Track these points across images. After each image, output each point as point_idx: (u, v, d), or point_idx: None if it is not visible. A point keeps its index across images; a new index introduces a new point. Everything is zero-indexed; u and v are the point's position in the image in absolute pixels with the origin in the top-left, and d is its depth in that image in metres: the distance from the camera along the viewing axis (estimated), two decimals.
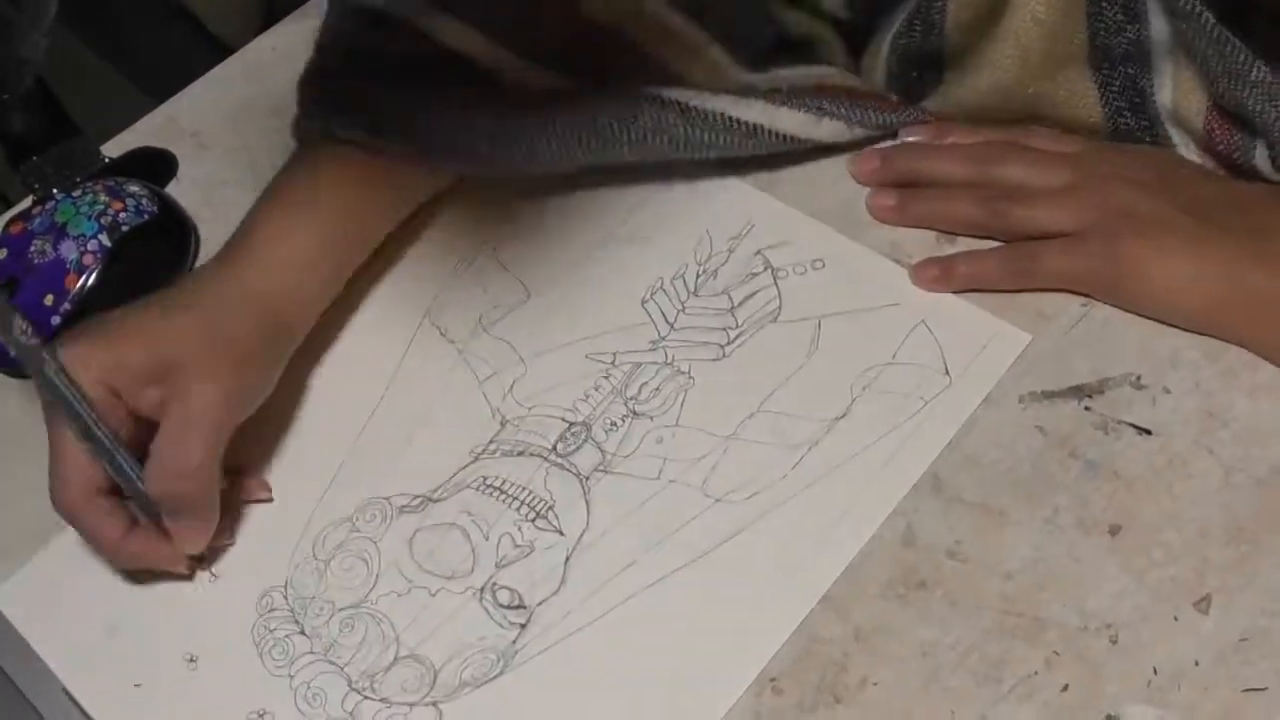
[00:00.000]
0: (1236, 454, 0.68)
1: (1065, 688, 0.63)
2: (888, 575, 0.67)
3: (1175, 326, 0.72)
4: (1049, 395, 0.71)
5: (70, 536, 0.71)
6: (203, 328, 0.68)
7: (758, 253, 0.78)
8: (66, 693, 0.68)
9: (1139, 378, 0.71)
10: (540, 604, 0.68)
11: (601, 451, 0.72)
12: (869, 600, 0.66)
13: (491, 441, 0.73)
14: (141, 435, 0.68)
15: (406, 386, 0.75)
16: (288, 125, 0.81)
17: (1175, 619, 0.64)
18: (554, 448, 0.72)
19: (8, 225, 0.80)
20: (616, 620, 0.67)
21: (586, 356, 0.75)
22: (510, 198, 0.82)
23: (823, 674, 0.64)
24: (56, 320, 0.77)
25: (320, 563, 0.70)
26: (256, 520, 0.72)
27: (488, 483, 0.71)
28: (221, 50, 0.92)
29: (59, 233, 0.78)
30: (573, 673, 0.66)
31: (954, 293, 0.75)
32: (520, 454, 0.72)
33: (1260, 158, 0.72)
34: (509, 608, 0.68)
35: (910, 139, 0.81)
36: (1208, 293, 0.70)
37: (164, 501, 0.67)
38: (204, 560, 0.70)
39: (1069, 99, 0.77)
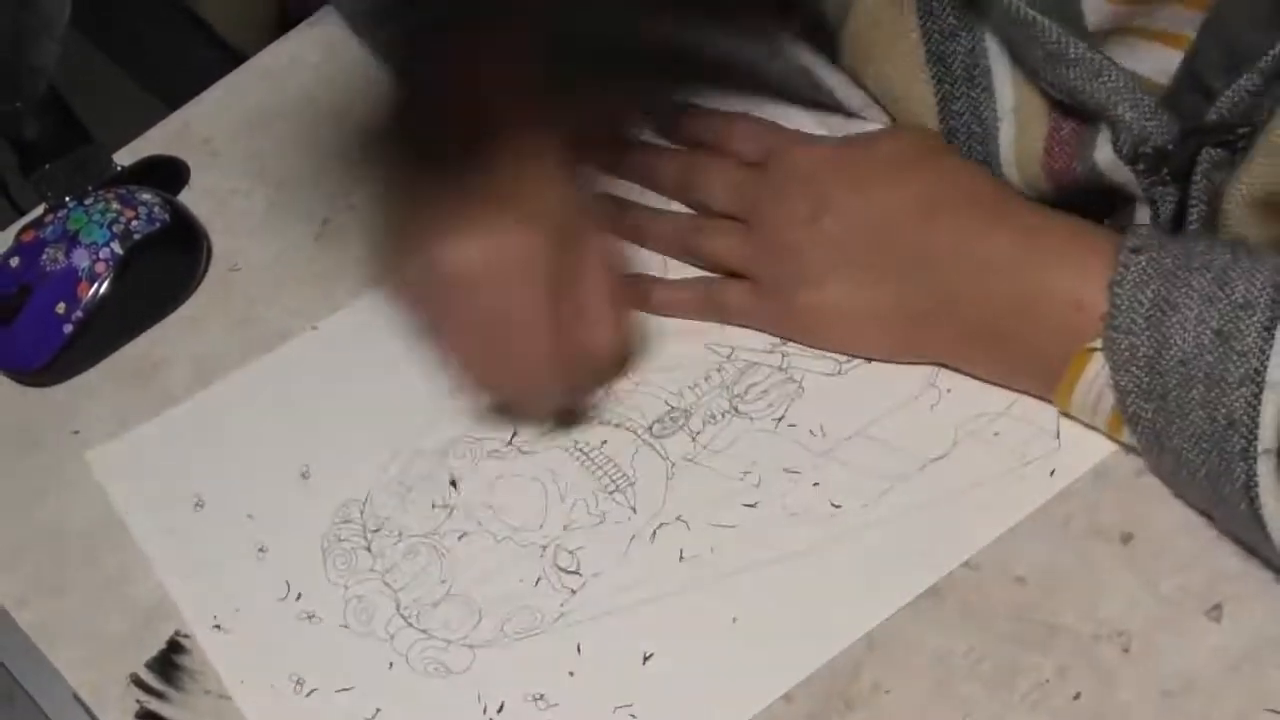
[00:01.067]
0: None
1: (1077, 696, 0.63)
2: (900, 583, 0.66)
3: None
4: None
5: (171, 413, 0.74)
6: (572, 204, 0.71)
7: None
8: (77, 698, 0.68)
9: None
10: (595, 575, 0.68)
11: (694, 441, 0.72)
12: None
13: (593, 408, 0.74)
14: None
15: None
16: (301, 132, 0.81)
17: (1187, 627, 0.64)
18: (650, 428, 0.73)
19: (20, 233, 0.80)
20: (665, 608, 0.67)
21: (705, 346, 0.75)
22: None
23: (834, 681, 0.64)
24: (68, 329, 0.77)
25: (403, 488, 0.72)
26: (353, 432, 0.74)
27: (578, 446, 0.72)
28: (234, 57, 0.92)
29: (71, 241, 0.78)
30: (609, 648, 0.66)
31: (651, 314, 0.75)
32: (616, 426, 0.73)
33: (1103, 152, 0.68)
34: (565, 571, 0.69)
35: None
36: (891, 334, 0.70)
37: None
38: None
39: (910, 103, 0.74)
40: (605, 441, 0.72)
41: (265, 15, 1.31)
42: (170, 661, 0.69)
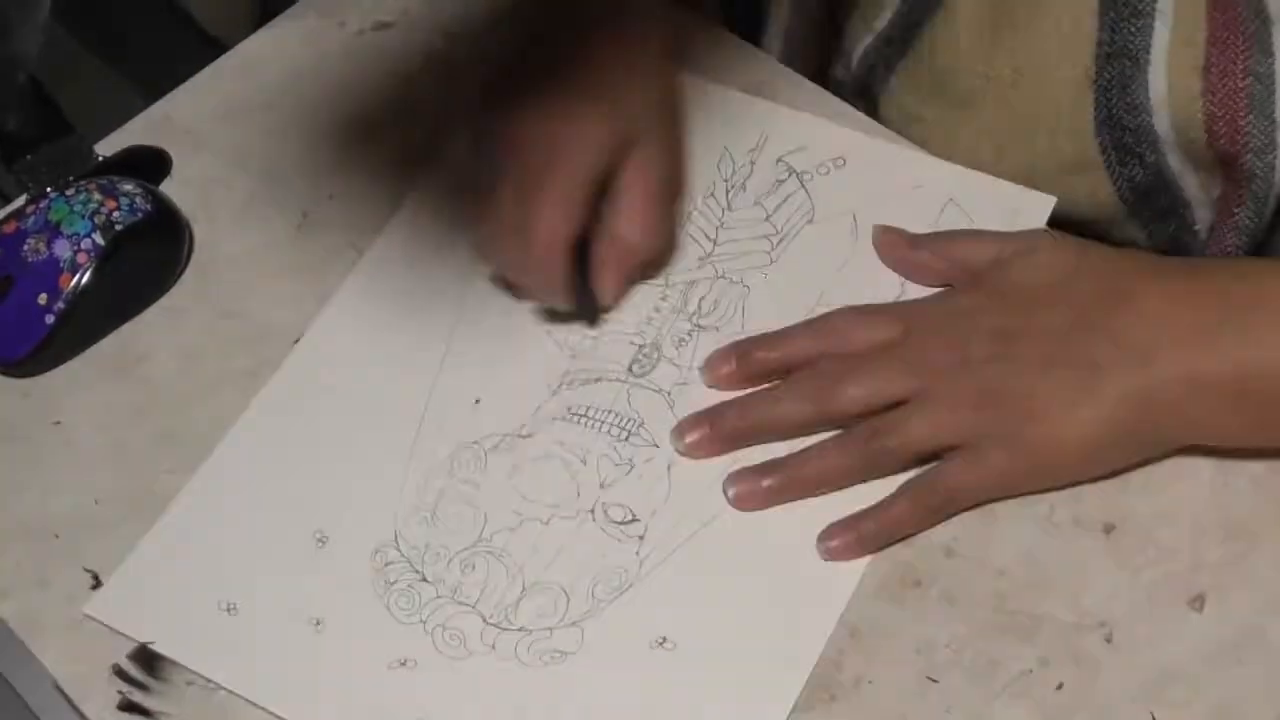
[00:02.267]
0: (1232, 452, 0.68)
1: (1060, 686, 0.63)
2: (883, 573, 0.67)
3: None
4: None
5: (159, 529, 0.71)
6: (653, 104, 0.73)
7: (779, 160, 0.80)
8: (59, 689, 0.68)
9: None
10: (654, 515, 0.69)
11: (677, 367, 0.73)
12: (864, 598, 0.66)
13: (565, 375, 0.74)
14: None
15: (469, 336, 0.76)
16: (282, 122, 0.80)
17: (1170, 617, 0.64)
18: (629, 370, 0.74)
19: (1, 224, 0.80)
20: (728, 516, 0.69)
21: (642, 282, 0.76)
22: None
23: (817, 672, 0.64)
24: (50, 319, 0.77)
25: (426, 512, 0.71)
26: (352, 482, 0.72)
27: (572, 412, 0.73)
28: (216, 48, 0.91)
29: (53, 231, 0.77)
30: (699, 572, 0.68)
31: (872, 553, 0.67)
32: (598, 380, 0.74)
33: None
34: (623, 523, 0.69)
35: (715, 377, 0.73)
36: (1121, 424, 0.66)
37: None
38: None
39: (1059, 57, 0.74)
40: (595, 398, 0.73)
41: (246, 5, 1.31)
42: (152, 653, 0.68)
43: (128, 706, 0.67)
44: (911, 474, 0.68)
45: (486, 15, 0.78)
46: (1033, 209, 0.75)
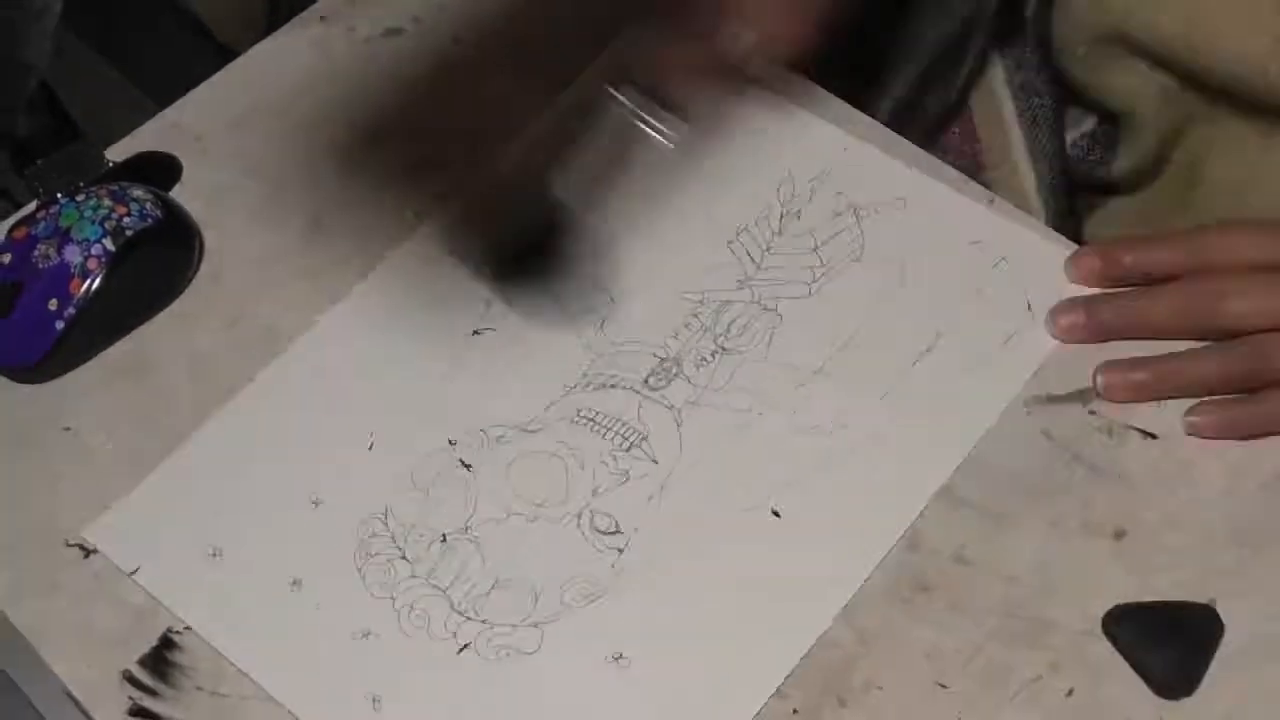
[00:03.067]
0: (1241, 458, 0.68)
1: (1070, 692, 0.63)
2: (893, 579, 0.67)
3: None
4: (1054, 400, 0.71)
5: (166, 468, 0.72)
6: None
7: (840, 193, 0.79)
8: (70, 695, 0.68)
9: None
10: (636, 530, 0.69)
11: (693, 385, 0.73)
12: (874, 604, 0.66)
13: (583, 375, 0.74)
14: None
15: (496, 320, 0.77)
16: (292, 129, 0.80)
17: None
18: (645, 381, 0.74)
19: (12, 229, 0.80)
20: (711, 545, 0.69)
21: (676, 295, 0.76)
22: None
23: (827, 678, 0.64)
24: (60, 325, 0.77)
25: (419, 491, 0.71)
26: (355, 449, 0.73)
27: (581, 414, 0.73)
28: (225, 54, 0.92)
29: (63, 237, 0.78)
30: (670, 595, 0.68)
31: (1235, 439, 0.69)
32: (612, 387, 0.74)
33: None
34: (606, 533, 0.69)
35: (1080, 272, 0.74)
36: None
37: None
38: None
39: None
40: (606, 404, 0.73)
41: (256, 12, 1.31)
42: (163, 658, 0.69)
43: (138, 712, 0.67)
44: None
45: (496, 21, 0.77)
46: None
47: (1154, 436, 0.69)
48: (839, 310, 0.75)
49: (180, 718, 0.67)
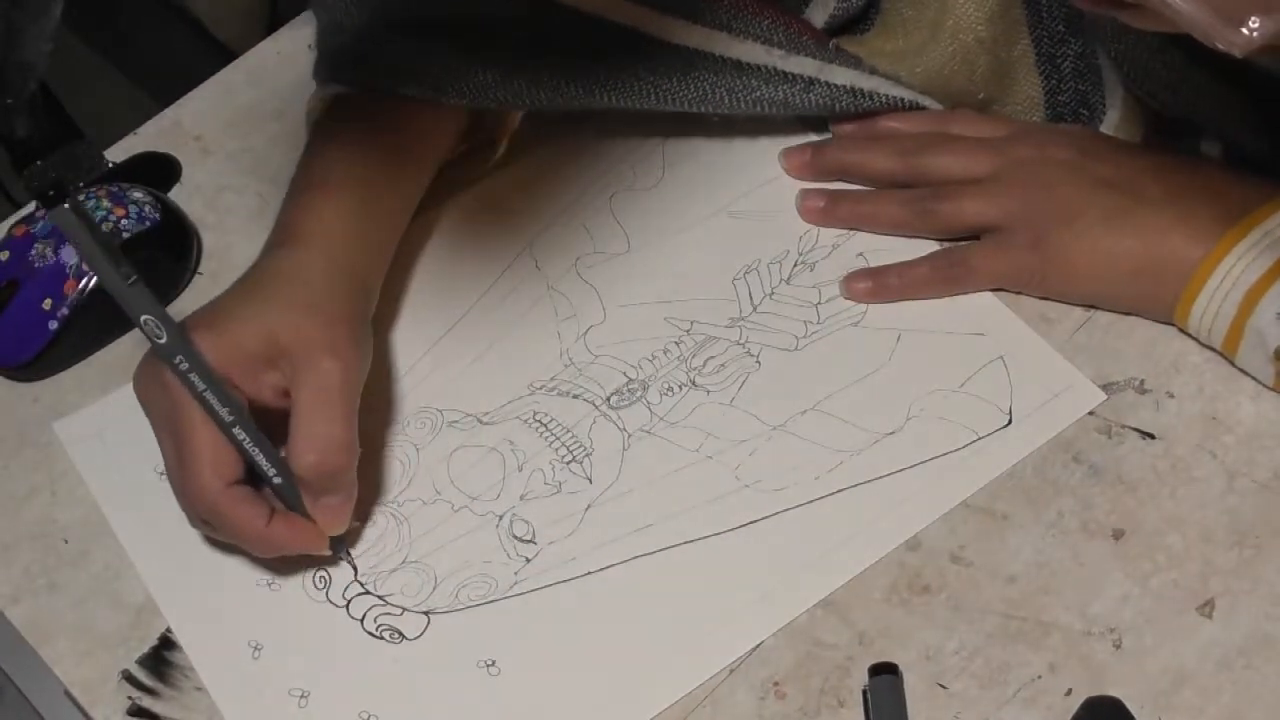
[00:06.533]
0: (1240, 458, 0.68)
1: (1069, 692, 0.63)
2: (891, 579, 0.67)
3: (1103, 309, 0.72)
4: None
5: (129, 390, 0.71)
6: (311, 308, 0.69)
7: (860, 254, 0.77)
8: (69, 695, 0.68)
9: (1142, 382, 0.71)
10: (550, 544, 0.69)
11: (651, 413, 0.73)
12: (873, 604, 0.66)
13: (552, 379, 0.75)
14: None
15: (488, 310, 0.77)
16: (291, 129, 0.80)
17: (1179, 623, 0.64)
18: (608, 399, 0.74)
19: (12, 228, 0.80)
20: (616, 577, 0.69)
21: (664, 319, 0.76)
22: (635, 148, 0.82)
23: (826, 678, 0.64)
24: (54, 325, 0.77)
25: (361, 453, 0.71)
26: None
27: (536, 417, 0.73)
28: (225, 55, 0.92)
29: (60, 237, 0.78)
30: (561, 615, 0.68)
31: (888, 303, 0.75)
32: (575, 397, 0.74)
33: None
34: (521, 540, 0.70)
35: (842, 129, 0.80)
36: (1127, 265, 0.70)
37: (313, 480, 0.67)
38: (344, 541, 0.70)
39: (1017, 109, 0.79)
40: (563, 412, 0.73)
41: (254, 13, 1.31)
42: (162, 658, 0.69)
43: (137, 712, 0.67)
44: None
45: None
46: (1075, 398, 0.70)
47: (1153, 437, 0.69)
48: (819, 372, 0.73)
49: (179, 718, 0.67)
